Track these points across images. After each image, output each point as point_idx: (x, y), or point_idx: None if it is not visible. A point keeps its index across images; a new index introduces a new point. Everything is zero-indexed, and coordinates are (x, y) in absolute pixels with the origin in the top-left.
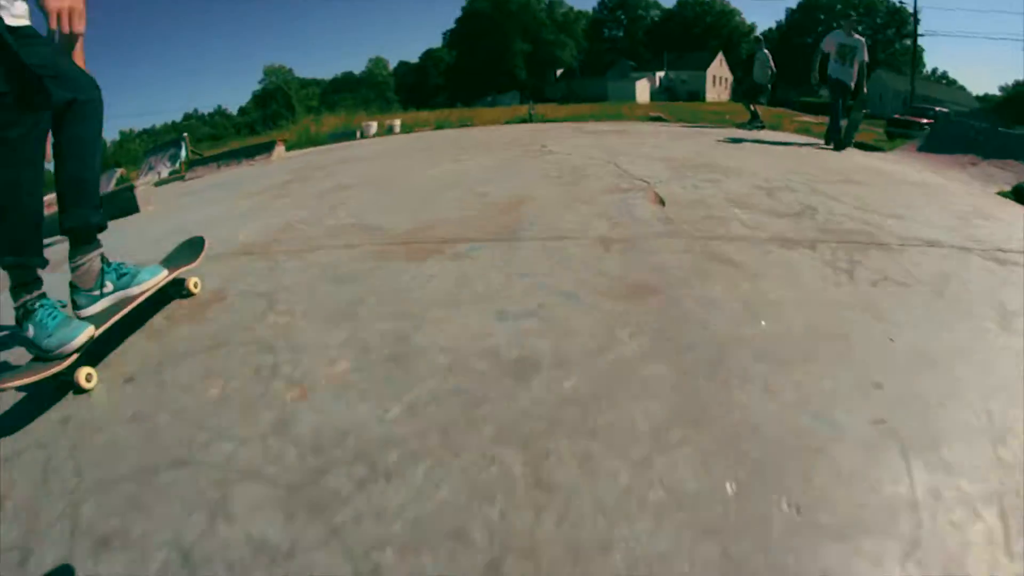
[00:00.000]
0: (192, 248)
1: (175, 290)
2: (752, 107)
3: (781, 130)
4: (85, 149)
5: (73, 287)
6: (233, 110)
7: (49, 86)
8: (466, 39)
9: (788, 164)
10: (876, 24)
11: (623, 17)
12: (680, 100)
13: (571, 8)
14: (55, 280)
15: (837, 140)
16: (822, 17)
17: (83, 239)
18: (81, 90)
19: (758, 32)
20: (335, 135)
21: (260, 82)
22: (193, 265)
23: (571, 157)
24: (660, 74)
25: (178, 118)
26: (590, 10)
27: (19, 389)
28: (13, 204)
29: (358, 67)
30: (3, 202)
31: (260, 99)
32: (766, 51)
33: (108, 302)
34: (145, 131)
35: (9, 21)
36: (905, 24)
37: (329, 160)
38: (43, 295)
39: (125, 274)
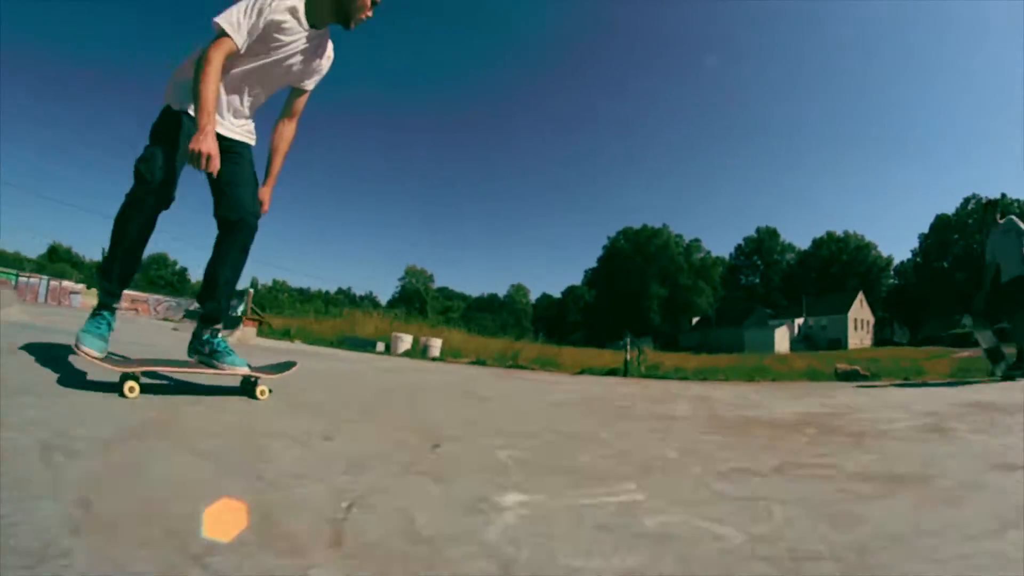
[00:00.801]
0: (281, 367)
1: (248, 387)
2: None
3: None
4: (228, 257)
5: (196, 345)
6: (384, 299)
7: (217, 197)
8: (605, 278)
9: None
10: None
11: (759, 262)
12: (820, 348)
13: (708, 252)
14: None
15: None
16: (956, 237)
17: (211, 321)
18: (239, 212)
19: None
20: (352, 340)
21: (400, 279)
22: (270, 376)
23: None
24: (799, 320)
25: (332, 289)
26: (727, 256)
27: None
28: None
29: (501, 290)
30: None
31: (400, 296)
32: (1016, 220)
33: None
34: (300, 290)
35: (221, 130)
36: None
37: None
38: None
39: (223, 350)
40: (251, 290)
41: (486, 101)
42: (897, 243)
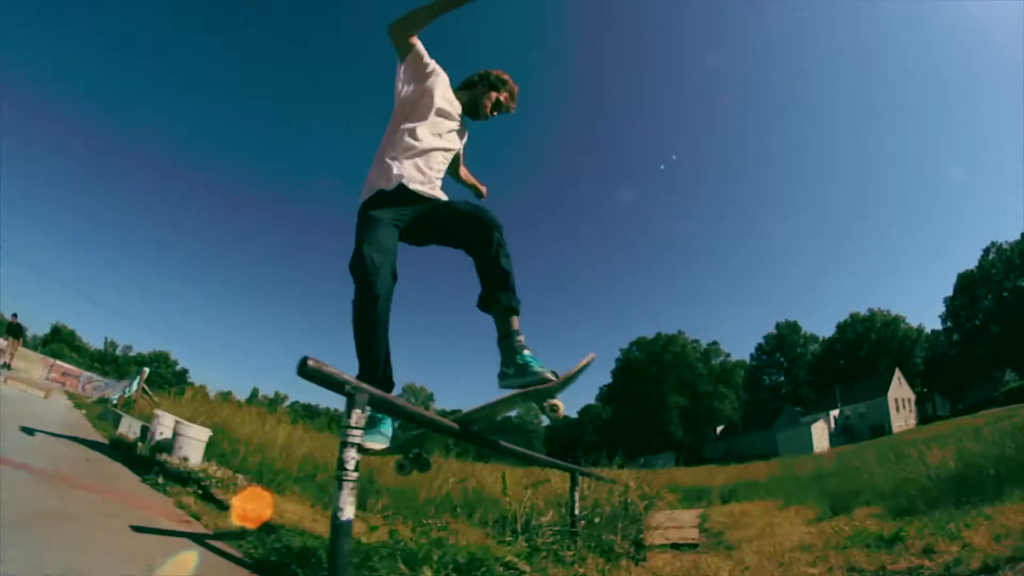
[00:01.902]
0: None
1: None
2: None
3: None
4: (503, 251)
5: (516, 351)
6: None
7: (465, 219)
8: (621, 393)
9: None
10: None
11: (782, 359)
12: (862, 439)
13: (728, 356)
14: None
15: None
16: (984, 291)
17: (516, 312)
18: (488, 212)
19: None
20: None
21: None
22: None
23: None
24: (834, 413)
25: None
26: (747, 358)
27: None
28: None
29: (512, 412)
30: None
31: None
32: None
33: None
34: (307, 406)
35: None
36: None
37: None
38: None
39: (531, 360)
40: (146, 369)
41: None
42: (925, 312)
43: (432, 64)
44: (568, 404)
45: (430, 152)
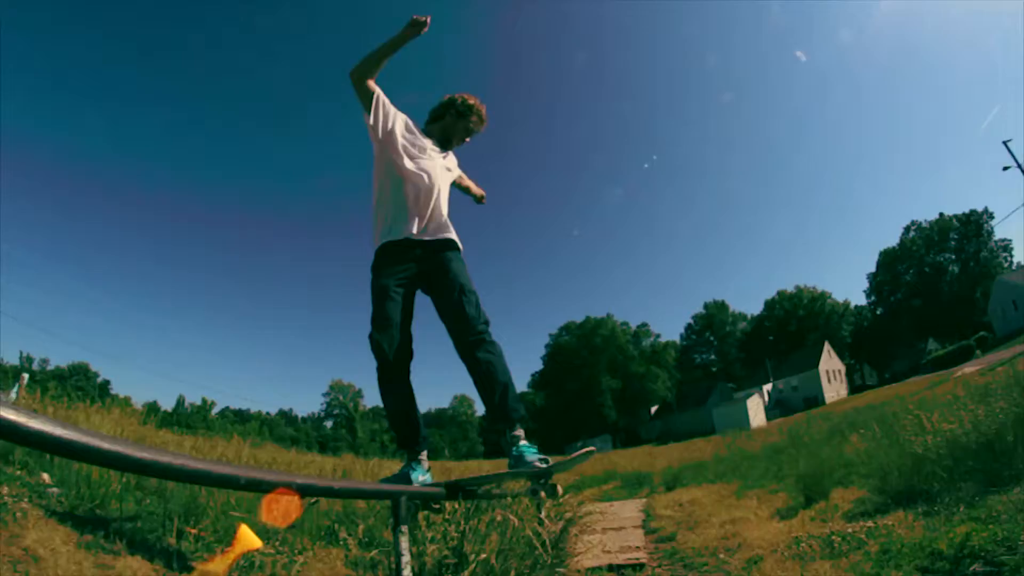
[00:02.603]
0: (574, 460)
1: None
2: None
3: None
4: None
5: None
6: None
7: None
8: (553, 379)
9: None
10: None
11: (712, 338)
12: (797, 411)
13: (657, 337)
14: None
15: None
16: (905, 266)
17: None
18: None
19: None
20: None
21: (324, 395)
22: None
23: None
24: (767, 387)
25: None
26: (676, 339)
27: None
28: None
29: (444, 403)
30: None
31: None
32: None
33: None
34: (237, 411)
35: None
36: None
37: None
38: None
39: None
40: (25, 375)
41: None
42: (849, 289)
43: (392, 109)
44: None
45: (417, 197)
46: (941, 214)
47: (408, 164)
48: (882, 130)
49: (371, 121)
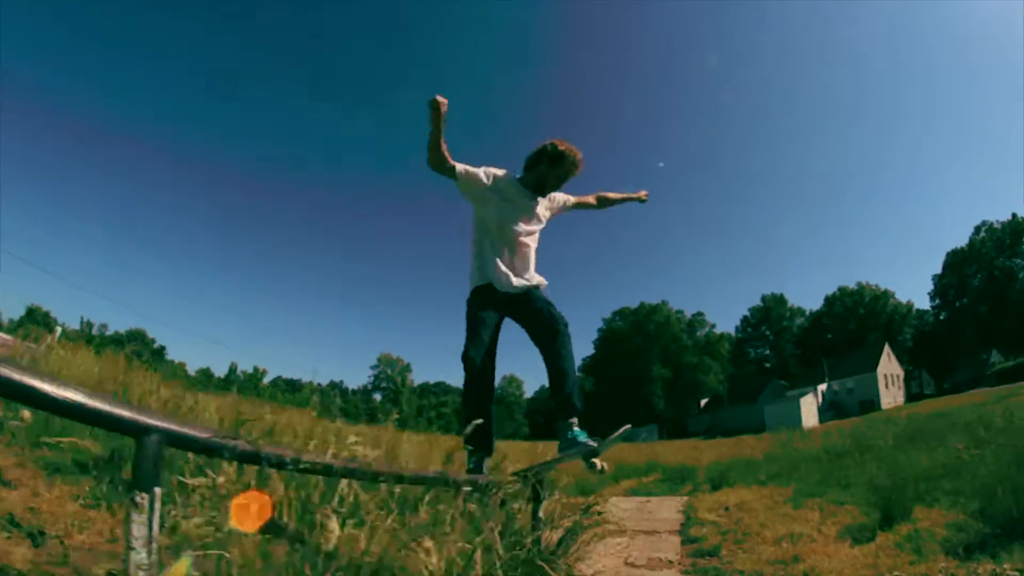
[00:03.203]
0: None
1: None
2: None
3: None
4: (570, 359)
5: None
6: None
7: (538, 316)
8: (603, 365)
9: None
10: None
11: (768, 332)
12: (851, 414)
13: (712, 328)
14: None
15: None
16: (974, 269)
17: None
18: (563, 322)
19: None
20: None
21: (372, 367)
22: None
23: None
24: (822, 387)
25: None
26: (732, 331)
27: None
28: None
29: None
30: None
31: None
32: None
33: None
34: (290, 381)
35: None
36: None
37: None
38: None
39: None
40: (58, 328)
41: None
42: (913, 289)
43: (480, 173)
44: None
45: (513, 247)
46: (1014, 215)
47: (496, 220)
48: (958, 122)
49: (461, 190)
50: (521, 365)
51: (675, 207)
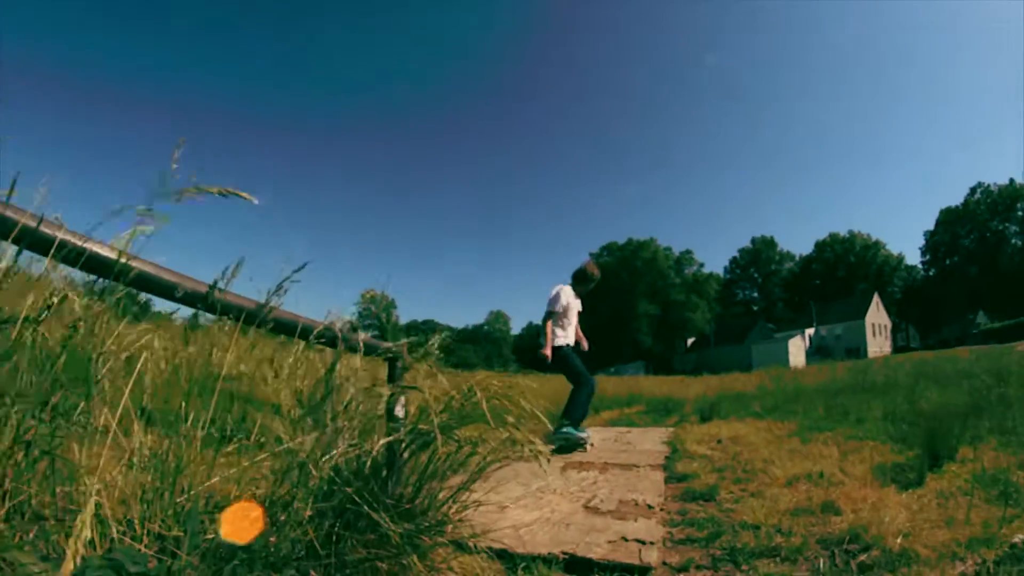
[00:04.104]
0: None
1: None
2: None
3: None
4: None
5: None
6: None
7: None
8: (588, 299)
9: None
10: None
11: (756, 275)
12: (837, 359)
13: (700, 267)
14: None
15: None
16: (968, 229)
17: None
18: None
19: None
20: None
21: (355, 304)
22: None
23: None
24: (810, 331)
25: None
26: (720, 271)
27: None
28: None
29: (480, 319)
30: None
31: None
32: None
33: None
34: None
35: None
36: None
37: None
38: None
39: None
40: None
41: (440, 113)
42: (905, 242)
43: (559, 303)
44: (535, 313)
45: (574, 326)
46: (1011, 180)
47: (567, 317)
48: (966, 81)
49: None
50: (508, 302)
51: (666, 137)
